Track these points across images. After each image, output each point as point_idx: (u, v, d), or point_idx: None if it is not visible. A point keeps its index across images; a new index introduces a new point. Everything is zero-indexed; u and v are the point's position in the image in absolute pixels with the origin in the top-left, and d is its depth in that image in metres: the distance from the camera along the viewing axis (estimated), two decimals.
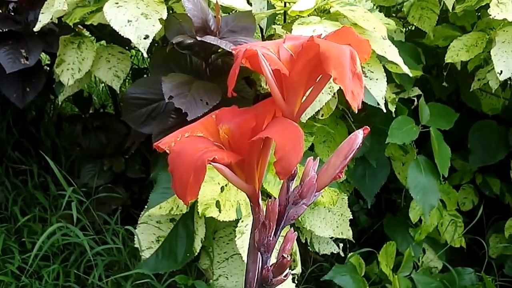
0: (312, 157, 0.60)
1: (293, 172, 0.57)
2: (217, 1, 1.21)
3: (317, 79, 0.57)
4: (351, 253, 1.57)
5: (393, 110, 1.40)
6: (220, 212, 1.28)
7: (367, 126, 0.62)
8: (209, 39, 1.18)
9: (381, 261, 1.52)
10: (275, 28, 1.32)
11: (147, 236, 1.44)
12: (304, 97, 0.57)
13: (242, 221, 1.30)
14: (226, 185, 1.29)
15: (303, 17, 1.24)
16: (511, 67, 1.29)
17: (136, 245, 1.40)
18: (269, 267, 0.58)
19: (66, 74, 1.44)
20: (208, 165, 0.51)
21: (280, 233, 0.59)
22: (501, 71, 1.29)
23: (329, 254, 1.56)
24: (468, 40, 1.42)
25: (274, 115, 0.57)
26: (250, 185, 0.57)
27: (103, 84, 2.37)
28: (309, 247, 1.54)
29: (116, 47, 1.54)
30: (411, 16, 1.51)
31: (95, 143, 1.79)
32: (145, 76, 2.00)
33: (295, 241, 1.39)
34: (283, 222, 0.59)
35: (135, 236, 1.41)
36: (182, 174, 0.52)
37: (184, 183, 0.51)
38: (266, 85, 1.24)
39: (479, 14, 1.54)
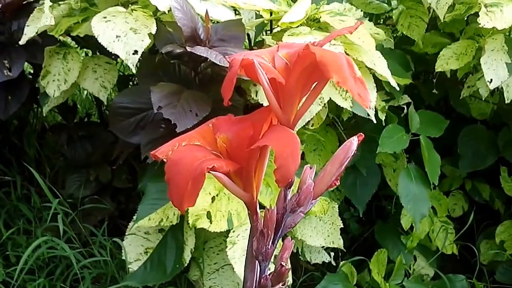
0: (309, 165, 0.59)
1: (290, 180, 0.57)
2: (206, 11, 1.20)
3: (312, 87, 0.57)
4: (343, 261, 1.56)
5: (383, 118, 1.40)
6: (211, 223, 1.27)
7: (361, 133, 0.61)
8: (199, 50, 1.17)
9: (373, 269, 1.51)
10: (264, 39, 1.31)
11: (135, 248, 1.41)
12: (300, 105, 0.57)
13: (234, 231, 1.29)
14: (217, 195, 1.28)
15: (293, 27, 1.23)
16: (500, 76, 1.30)
17: (124, 257, 1.38)
18: (268, 276, 0.58)
19: (52, 85, 1.42)
20: None
21: (278, 242, 0.59)
22: (491, 79, 1.29)
23: (321, 263, 1.55)
24: (457, 48, 1.42)
25: (271, 123, 0.57)
26: (248, 193, 0.57)
27: (86, 92, 2.35)
28: (300, 257, 1.53)
29: (103, 57, 1.52)
30: (400, 25, 1.52)
31: (80, 153, 1.76)
32: (130, 83, 1.98)
33: None
34: (280, 230, 0.58)
35: (123, 248, 1.38)
36: (180, 183, 0.51)
37: (181, 192, 0.51)
38: (256, 95, 1.23)
39: (467, 19, 1.55)
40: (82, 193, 1.69)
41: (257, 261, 0.59)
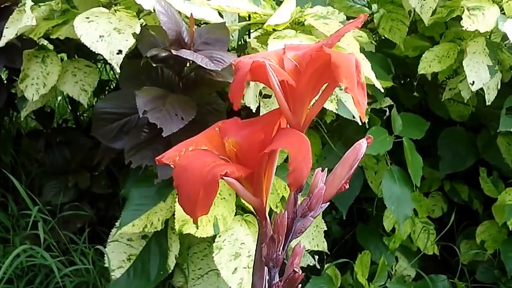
0: (320, 168, 0.59)
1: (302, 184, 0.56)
2: (191, 14, 1.19)
3: (321, 89, 0.57)
4: (327, 264, 1.57)
5: (366, 121, 1.41)
6: (197, 228, 1.25)
7: (370, 136, 0.61)
8: (185, 53, 1.15)
9: (357, 271, 1.52)
10: (249, 42, 1.30)
11: (118, 255, 1.39)
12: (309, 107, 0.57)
13: (220, 236, 1.28)
14: None
15: (279, 30, 1.23)
16: (482, 78, 1.32)
17: (106, 265, 1.35)
18: (279, 283, 0.57)
19: (31, 89, 1.38)
20: None
21: (287, 247, 0.58)
22: (473, 82, 1.32)
23: (305, 266, 1.55)
24: (439, 51, 1.44)
25: (279, 127, 0.56)
26: (258, 198, 0.55)
27: (59, 97, 2.30)
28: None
29: (82, 61, 1.49)
30: (381, 28, 1.53)
31: (58, 159, 1.72)
32: (107, 88, 1.95)
33: None
34: (290, 236, 0.58)
35: (105, 256, 1.36)
36: (190, 190, 0.50)
37: (193, 199, 0.49)
38: (243, 98, 1.22)
39: (446, 23, 1.57)
40: (61, 200, 1.65)
41: (266, 268, 0.58)
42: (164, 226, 1.34)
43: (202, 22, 1.38)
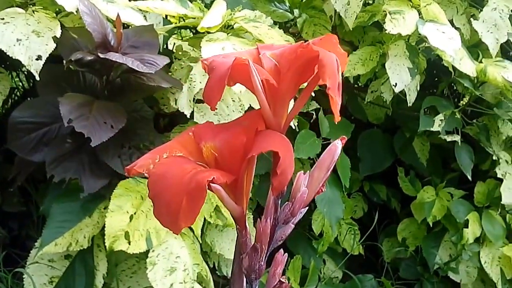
0: (302, 171, 0.57)
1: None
2: (118, 15, 1.12)
3: (299, 88, 0.55)
4: None
5: (296, 124, 1.41)
6: (129, 244, 1.18)
7: (344, 136, 0.60)
8: (114, 56, 1.08)
9: (290, 276, 1.51)
10: (181, 44, 1.26)
11: (38, 278, 1.28)
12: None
13: (153, 251, 1.21)
14: (135, 213, 1.20)
15: (211, 33, 1.20)
16: (404, 80, 1.37)
17: None
18: None
19: None
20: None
21: (267, 257, 0.55)
22: (396, 84, 1.36)
23: None
24: (363, 54, 1.48)
25: (257, 129, 0.53)
26: (239, 206, 0.52)
27: None
28: (217, 272, 1.48)
29: None
30: (304, 32, 1.54)
31: None
32: (13, 96, 1.80)
33: (207, 268, 1.33)
34: (272, 244, 0.55)
35: (24, 279, 1.25)
36: (171, 199, 0.46)
37: (174, 209, 0.46)
38: (175, 103, 1.18)
39: (364, 28, 1.62)
40: None
41: (245, 280, 0.55)
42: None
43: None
